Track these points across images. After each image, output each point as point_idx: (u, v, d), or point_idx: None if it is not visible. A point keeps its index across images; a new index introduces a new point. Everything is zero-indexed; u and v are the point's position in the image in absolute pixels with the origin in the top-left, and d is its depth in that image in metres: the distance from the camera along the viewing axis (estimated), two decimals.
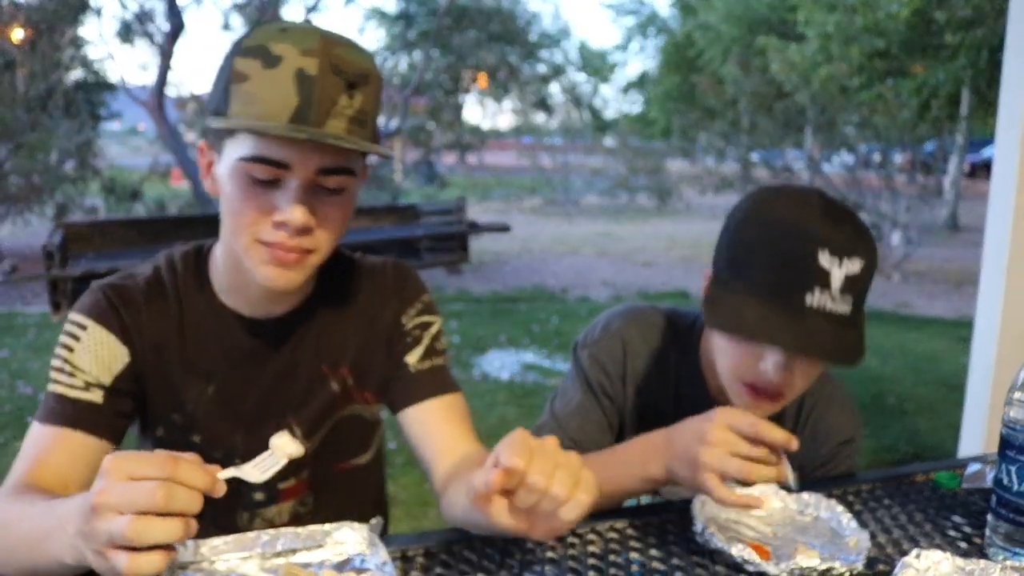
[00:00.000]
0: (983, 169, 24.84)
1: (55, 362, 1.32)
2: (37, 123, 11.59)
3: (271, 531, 1.16)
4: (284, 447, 1.09)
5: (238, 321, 1.40)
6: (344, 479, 1.56)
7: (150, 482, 0.88)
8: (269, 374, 1.43)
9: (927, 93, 14.84)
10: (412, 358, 1.50)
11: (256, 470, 1.07)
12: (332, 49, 1.18)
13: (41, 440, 1.27)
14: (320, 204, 1.24)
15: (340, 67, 1.18)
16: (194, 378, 1.40)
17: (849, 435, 1.62)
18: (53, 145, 12.06)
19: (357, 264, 1.53)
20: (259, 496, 1.47)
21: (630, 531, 1.36)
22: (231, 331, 1.40)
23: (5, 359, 6.73)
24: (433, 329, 1.54)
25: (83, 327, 1.33)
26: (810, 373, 1.40)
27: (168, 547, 0.91)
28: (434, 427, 1.47)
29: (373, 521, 1.18)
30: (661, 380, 1.62)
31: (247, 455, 1.42)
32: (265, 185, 1.21)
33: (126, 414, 1.36)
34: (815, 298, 1.28)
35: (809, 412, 1.63)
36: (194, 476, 0.92)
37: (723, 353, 1.44)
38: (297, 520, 1.50)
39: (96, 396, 1.31)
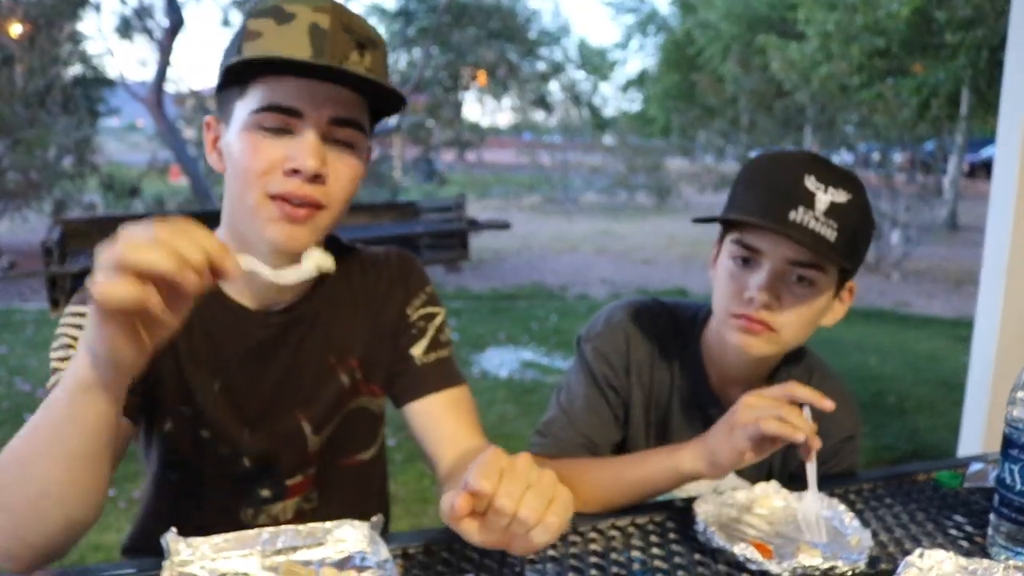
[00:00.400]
0: (982, 169, 24.85)
1: (57, 353, 1.27)
2: (35, 119, 11.58)
3: (272, 529, 1.15)
4: (315, 258, 1.11)
5: (243, 315, 1.38)
6: (350, 474, 1.54)
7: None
8: (276, 369, 1.41)
9: (927, 92, 14.85)
10: (417, 350, 1.50)
11: (278, 272, 1.07)
12: (343, 10, 1.22)
13: None
14: (331, 157, 1.24)
15: (351, 27, 1.22)
16: (201, 372, 1.37)
17: (850, 432, 1.62)
18: (51, 141, 12.03)
19: (360, 254, 1.52)
20: (265, 493, 1.46)
21: (632, 529, 1.35)
22: (236, 325, 1.38)
23: (3, 355, 6.71)
24: (437, 320, 1.53)
25: (87, 316, 1.30)
26: (799, 311, 1.42)
27: (147, 285, 0.86)
28: (439, 421, 1.46)
29: (374, 519, 1.17)
30: (663, 371, 1.63)
31: (254, 451, 1.42)
32: (277, 135, 1.21)
33: (138, 393, 1.29)
34: (799, 214, 1.35)
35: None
36: (205, 235, 0.90)
37: (717, 292, 1.49)
38: (301, 517, 1.49)
39: None
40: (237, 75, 1.22)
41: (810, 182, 1.36)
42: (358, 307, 1.48)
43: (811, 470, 1.32)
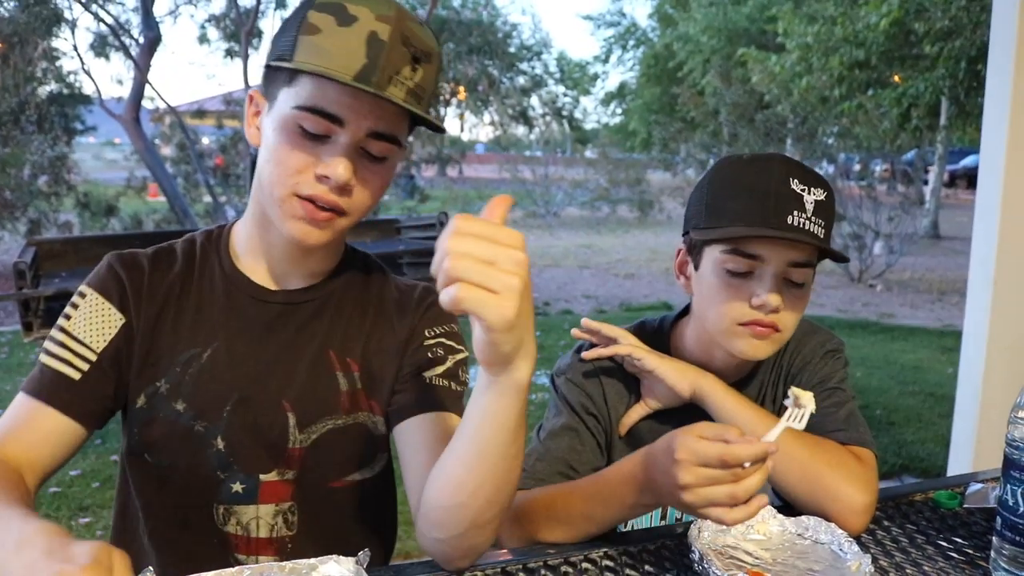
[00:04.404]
0: (962, 178, 25.13)
1: (51, 332, 1.36)
2: (9, 138, 11.51)
3: (253, 566, 1.11)
4: None
5: (249, 287, 1.41)
6: (339, 497, 1.44)
7: None
8: (270, 349, 1.40)
9: (907, 103, 14.97)
10: (432, 373, 1.42)
11: None
12: (405, 21, 1.23)
13: (19, 411, 1.31)
14: (362, 167, 1.27)
15: (410, 39, 1.22)
16: (192, 340, 1.38)
17: (835, 347, 1.65)
18: (26, 160, 11.97)
19: (388, 275, 1.54)
20: (237, 488, 1.38)
21: (625, 558, 1.33)
22: (239, 295, 1.40)
23: None
24: (459, 356, 1.47)
25: (83, 295, 1.37)
26: (797, 308, 1.48)
27: None
28: (428, 444, 1.34)
29: (360, 554, 1.12)
30: (638, 383, 1.62)
31: (229, 432, 1.36)
32: (314, 139, 1.24)
33: (106, 396, 1.35)
34: (795, 218, 1.40)
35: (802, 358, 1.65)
36: None
37: (714, 303, 1.49)
38: (280, 544, 1.41)
39: (74, 372, 1.32)
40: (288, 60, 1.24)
41: (795, 185, 1.41)
42: (370, 316, 1.46)
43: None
